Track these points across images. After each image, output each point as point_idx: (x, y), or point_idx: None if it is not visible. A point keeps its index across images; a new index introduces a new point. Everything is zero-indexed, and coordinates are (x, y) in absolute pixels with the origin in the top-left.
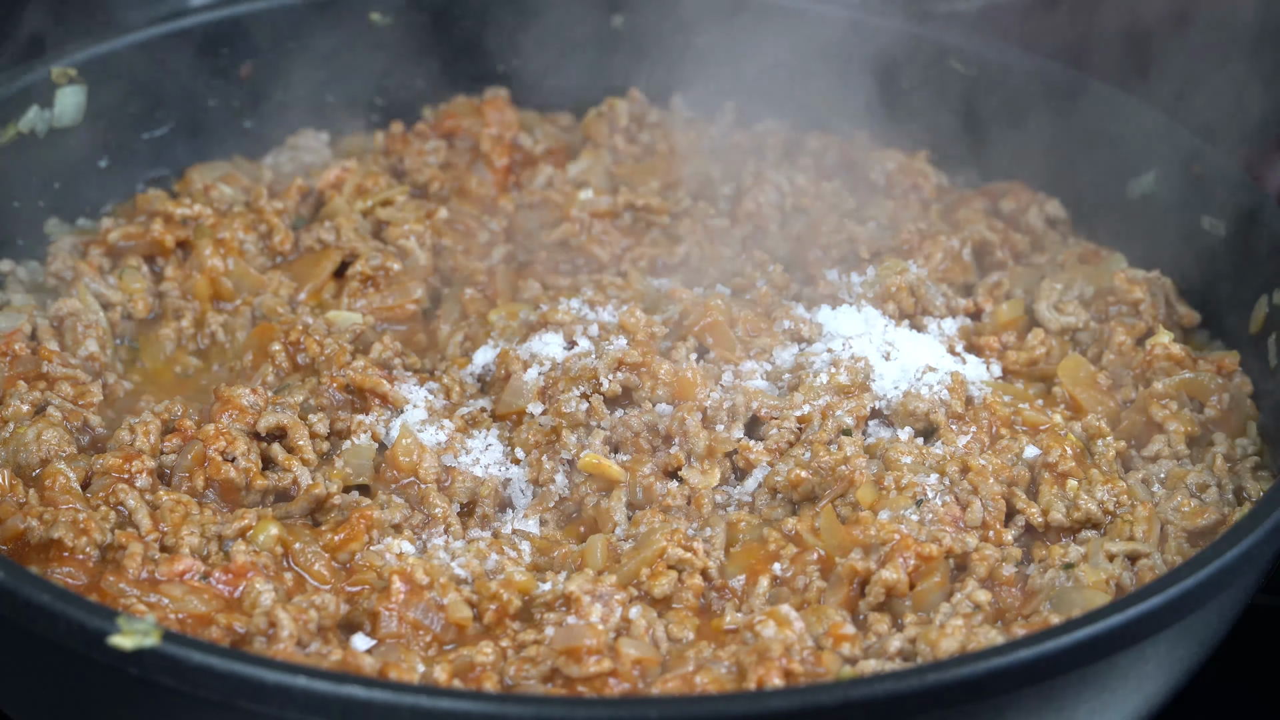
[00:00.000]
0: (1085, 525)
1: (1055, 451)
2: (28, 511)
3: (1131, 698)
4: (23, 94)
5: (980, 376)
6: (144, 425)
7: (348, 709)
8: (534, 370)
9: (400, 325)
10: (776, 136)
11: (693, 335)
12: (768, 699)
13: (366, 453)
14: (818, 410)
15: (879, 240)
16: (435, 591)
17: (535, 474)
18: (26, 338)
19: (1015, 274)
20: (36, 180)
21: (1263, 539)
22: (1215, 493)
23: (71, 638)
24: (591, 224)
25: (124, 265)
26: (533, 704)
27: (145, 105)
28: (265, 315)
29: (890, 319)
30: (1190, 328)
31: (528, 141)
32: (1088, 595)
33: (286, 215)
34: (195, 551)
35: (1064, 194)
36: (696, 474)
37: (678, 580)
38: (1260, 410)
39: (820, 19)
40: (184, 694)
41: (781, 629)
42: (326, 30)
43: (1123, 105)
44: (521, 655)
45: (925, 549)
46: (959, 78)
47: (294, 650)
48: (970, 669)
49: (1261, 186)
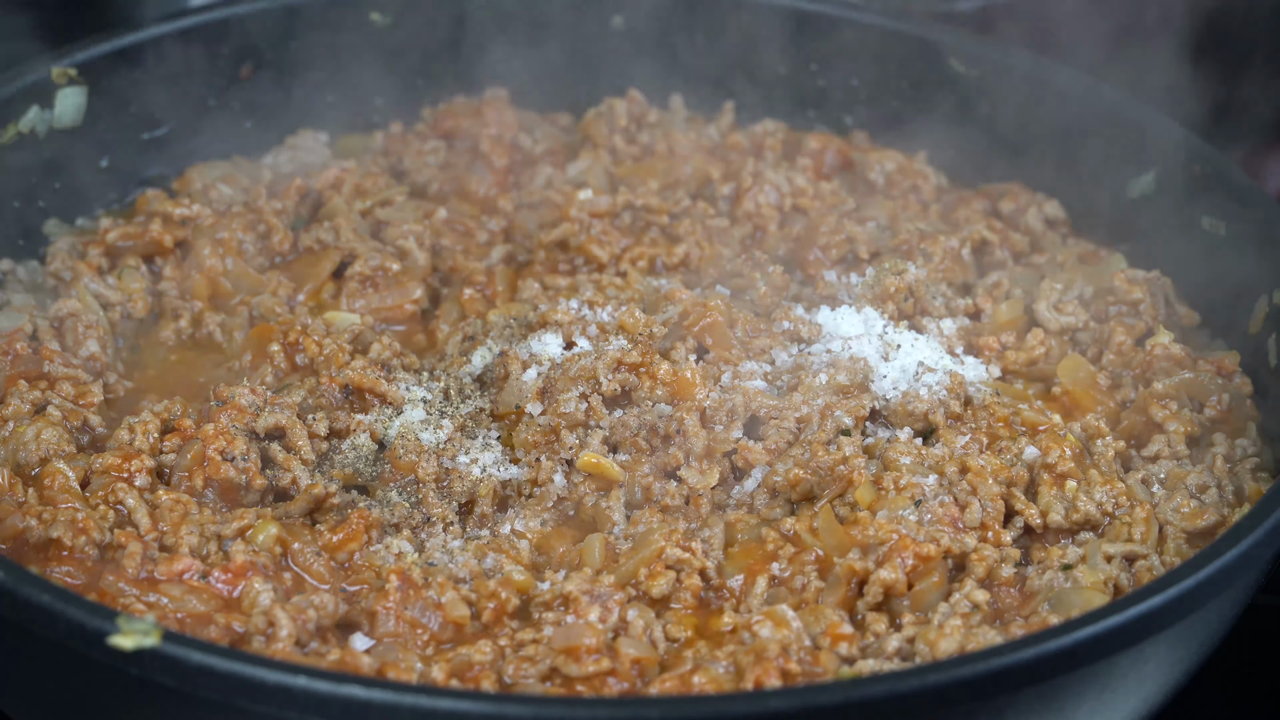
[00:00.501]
0: (1084, 527)
1: (1054, 452)
2: (27, 511)
3: (1131, 698)
4: (23, 94)
5: (979, 377)
6: (143, 425)
7: (347, 709)
8: (533, 370)
9: (399, 325)
10: (776, 136)
11: (692, 335)
12: (768, 699)
13: (365, 453)
14: (816, 410)
15: (878, 240)
16: (433, 590)
17: (534, 474)
18: (27, 337)
19: (1014, 274)
20: (36, 180)
21: (1262, 539)
22: (1215, 493)
23: (71, 638)
24: (591, 224)
25: (123, 265)
26: (532, 704)
27: (145, 105)
28: (264, 315)
29: (889, 319)
30: (1190, 328)
31: (527, 141)
32: (1086, 596)
33: (285, 215)
34: (194, 551)
35: (1064, 194)
36: (695, 474)
37: (676, 580)
38: (1260, 410)
39: (821, 19)
40: (184, 694)
41: (779, 629)
42: (326, 30)
43: (1123, 106)
44: (520, 654)
45: (923, 549)
46: (959, 78)
47: (292, 650)
48: (970, 669)
49: (1261, 186)
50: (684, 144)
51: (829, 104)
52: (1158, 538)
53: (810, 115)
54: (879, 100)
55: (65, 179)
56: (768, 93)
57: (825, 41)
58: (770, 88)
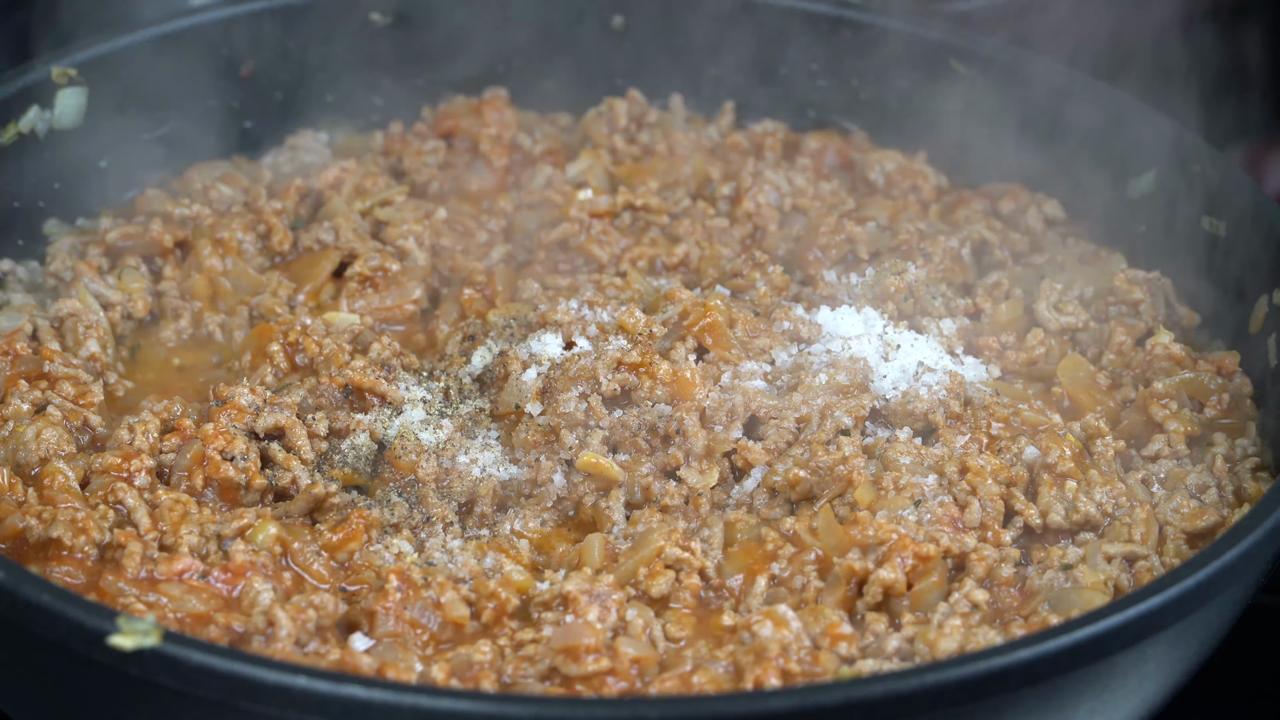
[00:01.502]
0: (1084, 527)
1: (1054, 452)
2: (26, 510)
3: (1131, 698)
4: (23, 94)
5: (979, 377)
6: (143, 424)
7: (347, 709)
8: (533, 370)
9: (399, 325)
10: (775, 136)
11: (692, 335)
12: (768, 699)
13: (365, 452)
14: (816, 410)
15: (878, 241)
16: (432, 590)
17: (534, 474)
18: (27, 337)
19: (1014, 274)
20: (36, 180)
21: (1262, 539)
22: (1215, 493)
23: (71, 638)
24: (590, 224)
25: (123, 265)
26: (533, 704)
27: (145, 105)
28: (264, 315)
29: (889, 319)
30: (1190, 328)
31: (526, 141)
32: (1086, 596)
33: (285, 215)
34: (194, 551)
35: (1064, 194)
36: (695, 474)
37: (675, 580)
38: (1260, 410)
39: (822, 19)
40: (184, 694)
41: (779, 629)
42: (327, 30)
43: (1123, 105)
44: (519, 654)
45: (923, 549)
46: (959, 78)
47: (292, 650)
48: (970, 669)
49: (1261, 186)
50: (684, 144)
51: (829, 104)
52: (1158, 538)
53: (810, 115)
54: (879, 100)
55: (65, 179)
56: (768, 93)
57: (825, 41)
58: (770, 88)
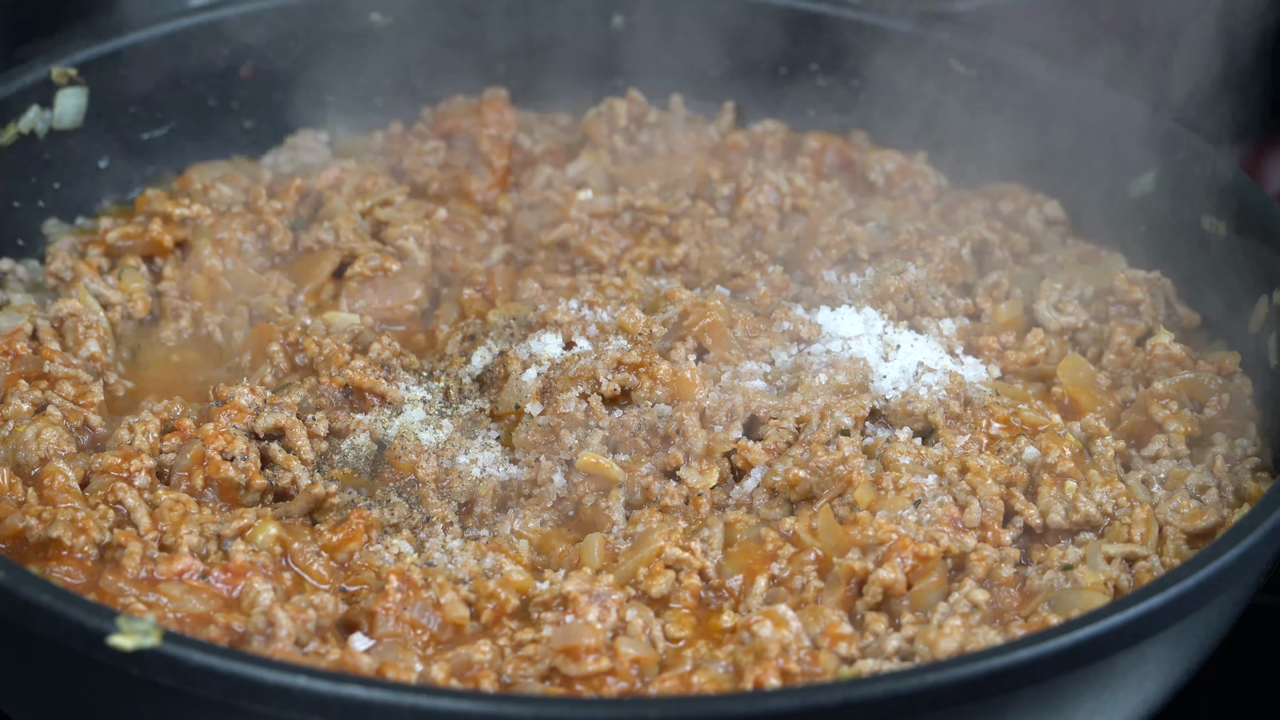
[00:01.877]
0: (1084, 527)
1: (1054, 453)
2: (26, 510)
3: (1131, 698)
4: (23, 94)
5: (979, 377)
6: (143, 424)
7: (347, 709)
8: (532, 370)
9: (399, 326)
10: (776, 136)
11: (692, 336)
12: (768, 699)
13: (365, 453)
14: (816, 410)
15: (878, 241)
16: (432, 591)
17: (533, 474)
18: (27, 337)
19: (1014, 274)
20: (36, 180)
21: (1262, 539)
22: (1215, 493)
23: (71, 638)
24: (590, 224)
25: (123, 265)
26: (533, 704)
27: (145, 105)
28: (264, 315)
29: (889, 319)
30: (1190, 328)
31: (527, 142)
32: (1086, 596)
33: (285, 215)
34: (194, 551)
35: (1064, 194)
36: (695, 474)
37: (675, 580)
38: (1260, 410)
39: (821, 19)
40: (184, 694)
41: (778, 629)
42: (326, 30)
43: (1123, 105)
44: (519, 654)
45: (923, 549)
46: (959, 78)
47: (292, 650)
48: (970, 669)
49: (1261, 186)
50: (684, 144)
51: (829, 104)
52: (1158, 538)
53: (810, 115)
54: (879, 100)
55: (65, 179)
56: (768, 93)
57: (825, 41)
58: (770, 88)
